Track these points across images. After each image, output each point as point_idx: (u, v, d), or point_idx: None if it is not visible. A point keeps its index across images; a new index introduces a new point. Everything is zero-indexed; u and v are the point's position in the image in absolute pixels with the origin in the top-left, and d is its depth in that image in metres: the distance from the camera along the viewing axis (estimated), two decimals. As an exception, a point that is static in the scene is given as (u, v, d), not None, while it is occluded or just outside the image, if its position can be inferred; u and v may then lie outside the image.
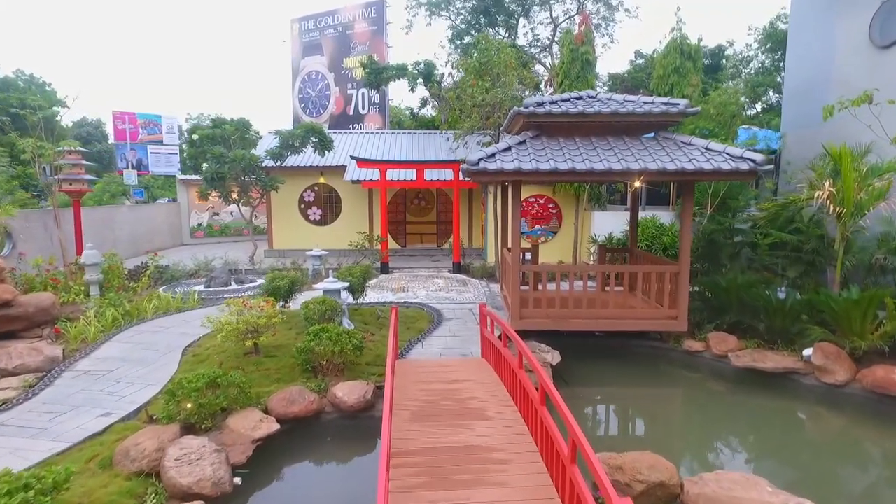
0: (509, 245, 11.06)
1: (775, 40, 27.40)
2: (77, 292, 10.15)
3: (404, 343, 8.45)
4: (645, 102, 8.27)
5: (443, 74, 21.73)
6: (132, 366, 7.46)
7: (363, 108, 31.05)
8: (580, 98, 8.69)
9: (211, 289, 12.65)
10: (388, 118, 30.04)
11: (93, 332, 8.60)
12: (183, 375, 5.63)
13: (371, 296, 12.16)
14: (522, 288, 8.76)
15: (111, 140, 36.64)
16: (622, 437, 6.85)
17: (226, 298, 11.86)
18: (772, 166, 7.43)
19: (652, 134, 8.51)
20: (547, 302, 8.47)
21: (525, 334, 8.38)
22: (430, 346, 8.40)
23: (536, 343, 8.19)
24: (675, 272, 8.36)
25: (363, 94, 31.00)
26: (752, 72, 29.56)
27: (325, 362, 6.67)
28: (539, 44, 29.52)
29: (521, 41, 28.47)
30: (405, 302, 11.36)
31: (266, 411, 5.89)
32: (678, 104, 8.12)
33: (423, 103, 29.58)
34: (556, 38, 28.49)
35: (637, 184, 10.52)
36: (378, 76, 25.47)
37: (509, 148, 7.96)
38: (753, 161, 7.42)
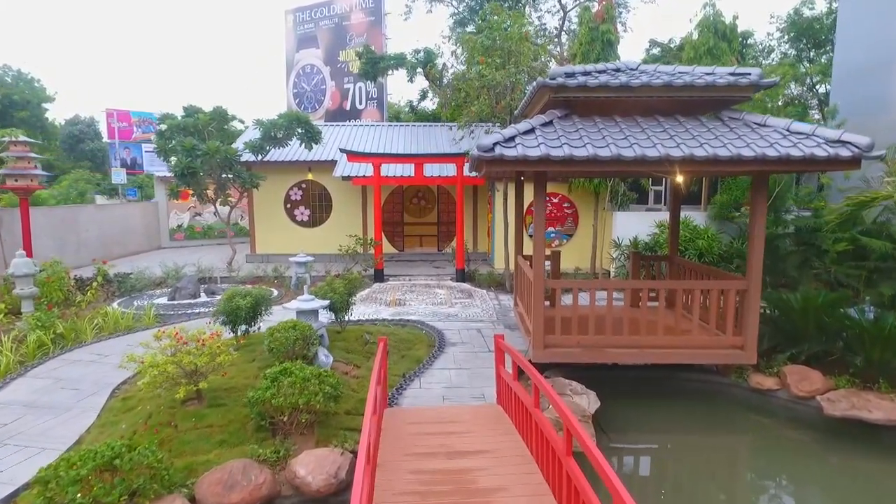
0: (527, 251, 9.27)
1: (799, 29, 25.58)
2: (1, 310, 8.37)
3: (398, 379, 6.66)
4: (706, 73, 6.46)
5: (445, 64, 19.98)
6: (38, 414, 5.67)
7: (360, 103, 29.49)
8: (618, 70, 6.90)
9: (175, 301, 10.88)
10: (387, 113, 28.36)
11: (4, 364, 6.82)
12: (60, 462, 3.81)
13: (361, 310, 10.37)
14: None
15: (105, 139, 35.11)
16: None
17: (191, 313, 10.17)
18: (883, 152, 5.63)
19: (699, 114, 6.70)
20: (578, 325, 6.67)
21: (544, 363, 6.64)
22: (429, 383, 6.60)
23: (565, 381, 6.39)
24: (742, 289, 6.55)
25: (360, 88, 29.46)
26: (774, 62, 27.70)
27: (285, 418, 4.87)
28: (546, 34, 27.71)
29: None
30: (401, 319, 9.56)
31: (193, 500, 4.09)
32: (749, 74, 6.31)
33: (423, 96, 27.78)
34: (564, 28, 26.73)
35: (680, 179, 8.79)
36: (374, 66, 23.70)
37: (532, 130, 6.16)
38: (856, 146, 5.62)
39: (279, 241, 16.28)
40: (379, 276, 13.48)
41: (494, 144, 5.73)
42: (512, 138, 5.92)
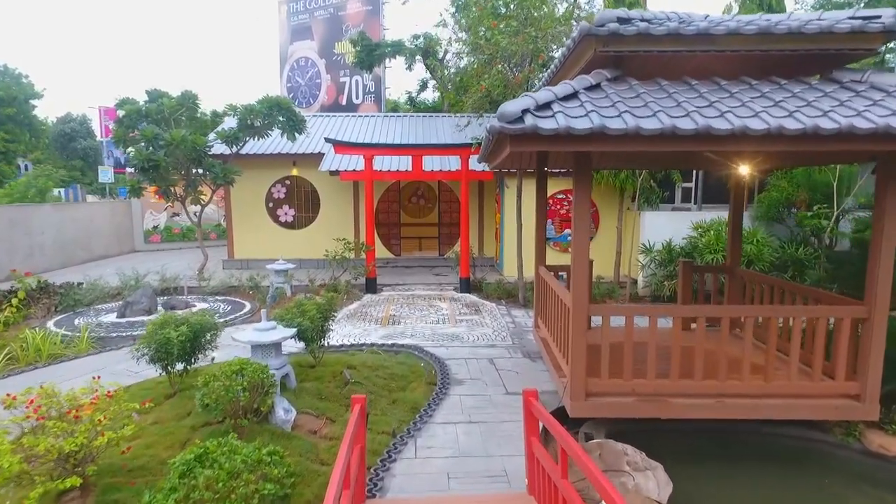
0: (557, 260, 7.49)
1: (836, 4, 23.78)
2: None
3: (385, 441, 4.85)
4: (815, 19, 4.64)
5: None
6: None
7: (357, 98, 27.94)
8: (682, 22, 5.08)
9: (125, 319, 9.09)
10: (385, 108, 26.70)
11: None
12: None
13: (347, 330, 8.60)
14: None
15: (98, 137, 33.55)
16: None
17: (139, 336, 8.37)
18: None
19: (802, 75, 4.88)
20: (633, 365, 4.86)
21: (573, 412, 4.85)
22: (428, 448, 4.77)
23: (617, 446, 4.56)
24: (860, 318, 4.75)
25: (357, 81, 27.91)
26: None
27: (200, 540, 3.07)
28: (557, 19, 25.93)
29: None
30: (393, 344, 7.76)
31: None
32: (878, 17, 4.50)
33: (423, 86, 25.99)
34: (575, 16, 24.92)
35: (746, 170, 7.00)
36: (370, 54, 22.01)
37: (575, 94, 4.35)
38: None
39: (260, 245, 14.48)
40: (371, 286, 11.67)
41: (524, 112, 3.92)
42: (548, 105, 4.11)
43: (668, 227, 11.56)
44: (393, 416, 5.43)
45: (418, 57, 20.31)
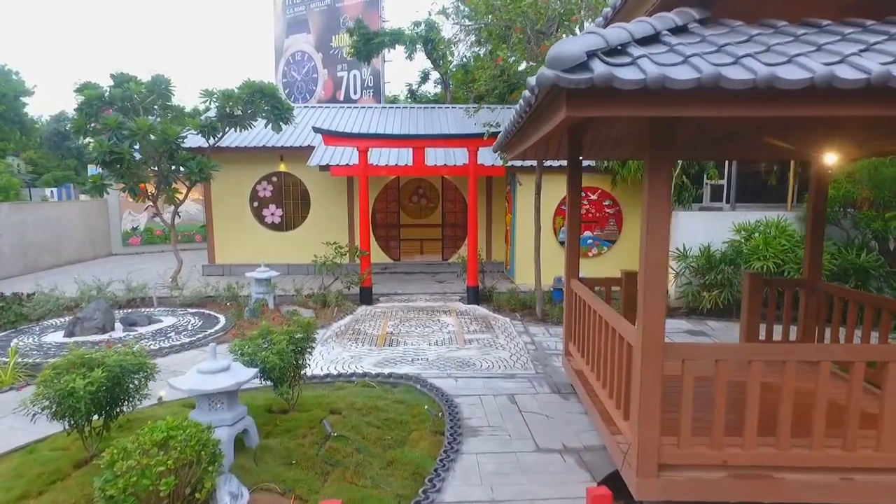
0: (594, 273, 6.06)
1: None
2: None
3: (374, 537, 3.42)
4: None
5: (450, 41, 16.83)
6: None
7: (355, 93, 26.66)
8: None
9: (73, 339, 7.67)
10: (384, 102, 25.41)
11: None
12: None
13: (335, 353, 7.19)
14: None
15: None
16: None
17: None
18: None
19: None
20: (721, 419, 3.43)
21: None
22: (437, 550, 3.35)
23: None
24: None
25: (355, 76, 26.66)
26: None
27: None
28: None
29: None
30: (390, 374, 6.33)
31: None
32: None
33: (424, 77, 24.62)
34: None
35: (832, 159, 5.63)
36: (368, 44, 20.68)
37: (656, 36, 2.92)
38: None
39: (244, 249, 13.06)
40: (366, 296, 10.25)
41: (590, 56, 2.49)
42: (623, 48, 2.68)
43: (702, 229, 10.16)
44: (388, 486, 4.00)
45: (419, 45, 18.97)
